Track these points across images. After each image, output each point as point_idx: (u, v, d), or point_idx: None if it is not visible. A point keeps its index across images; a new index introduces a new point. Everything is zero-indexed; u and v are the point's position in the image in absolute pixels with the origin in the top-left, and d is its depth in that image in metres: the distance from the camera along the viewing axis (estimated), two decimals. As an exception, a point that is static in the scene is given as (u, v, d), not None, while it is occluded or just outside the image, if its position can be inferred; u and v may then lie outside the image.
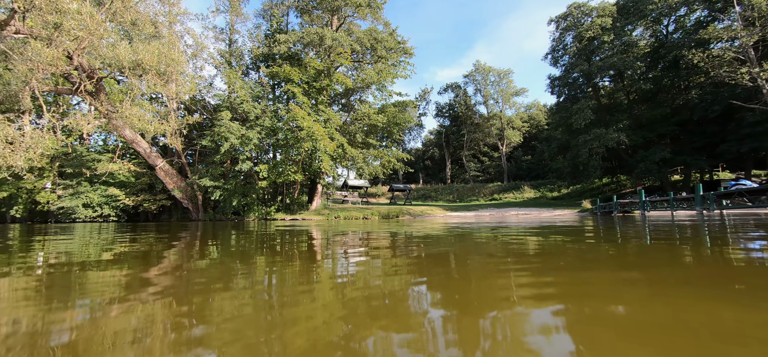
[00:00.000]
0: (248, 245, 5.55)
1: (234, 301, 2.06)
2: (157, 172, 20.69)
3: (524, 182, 46.01)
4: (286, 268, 3.27)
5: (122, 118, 17.41)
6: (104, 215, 21.52)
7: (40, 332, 1.67)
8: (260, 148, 23.22)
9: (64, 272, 3.12)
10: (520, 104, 58.28)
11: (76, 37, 15.40)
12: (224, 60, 26.31)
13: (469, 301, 1.84)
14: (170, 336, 1.55)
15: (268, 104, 23.98)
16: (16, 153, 12.60)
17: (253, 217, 22.08)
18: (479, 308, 1.69)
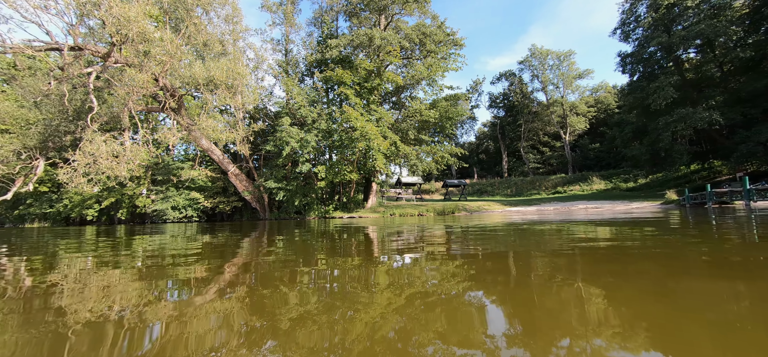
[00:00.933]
0: (312, 241, 5.87)
1: (299, 294, 2.18)
2: (229, 176, 22.82)
3: (592, 173, 42.17)
4: (345, 263, 3.39)
5: (200, 129, 19.49)
6: (188, 216, 24.32)
7: (157, 299, 1.96)
8: (318, 150, 24.38)
9: (189, 257, 3.60)
10: (585, 88, 53.36)
11: (160, 61, 17.59)
12: (282, 69, 28.04)
13: (531, 320, 1.63)
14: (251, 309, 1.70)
15: (323, 108, 25.05)
16: (120, 165, 14.78)
17: (313, 216, 23.25)
18: (547, 330, 1.48)
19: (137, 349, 1.46)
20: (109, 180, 15.42)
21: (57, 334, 1.61)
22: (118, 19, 15.25)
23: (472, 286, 2.27)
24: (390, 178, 33.29)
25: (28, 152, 17.10)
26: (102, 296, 2.35)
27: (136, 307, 2.03)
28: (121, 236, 8.68)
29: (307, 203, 23.40)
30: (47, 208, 25.43)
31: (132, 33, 15.80)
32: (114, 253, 4.88)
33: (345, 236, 6.74)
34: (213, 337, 1.56)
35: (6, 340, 1.55)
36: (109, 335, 1.61)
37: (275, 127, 23.65)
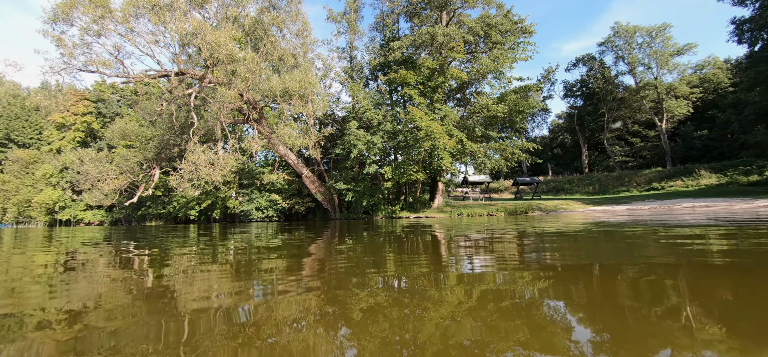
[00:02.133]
0: (380, 240, 6.00)
1: (369, 295, 2.20)
2: (304, 179, 24.57)
3: (699, 165, 35.86)
4: (412, 263, 3.36)
5: (278, 137, 21.33)
6: (269, 216, 26.81)
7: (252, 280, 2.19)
8: (384, 152, 24.92)
9: (291, 246, 4.01)
10: (686, 65, 45.52)
11: (244, 78, 19.68)
12: (347, 75, 29.27)
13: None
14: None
15: (388, 109, 25.52)
16: (216, 171, 16.90)
17: (381, 216, 23.79)
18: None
19: (234, 323, 1.73)
20: (207, 184, 17.73)
21: (172, 312, 1.93)
22: (210, 45, 17.48)
23: (551, 293, 2.08)
24: (456, 177, 32.52)
25: (148, 163, 20.51)
26: (204, 281, 2.79)
27: (233, 292, 2.37)
28: (216, 233, 9.91)
29: (375, 203, 24.05)
30: (161, 209, 30.26)
31: (221, 55, 17.97)
32: (213, 247, 5.60)
33: (412, 236, 6.76)
34: (295, 319, 1.72)
35: (131, 313, 1.89)
36: (210, 313, 1.89)
37: (343, 131, 24.79)
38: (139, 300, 2.33)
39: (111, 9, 17.04)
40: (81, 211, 35.40)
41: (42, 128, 44.98)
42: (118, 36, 17.64)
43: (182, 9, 18.02)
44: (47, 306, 2.22)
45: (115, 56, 17.73)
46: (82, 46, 16.89)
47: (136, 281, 2.97)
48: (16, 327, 1.78)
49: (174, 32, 18.21)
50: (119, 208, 32.26)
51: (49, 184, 37.08)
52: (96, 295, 2.47)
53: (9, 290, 2.74)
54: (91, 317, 1.93)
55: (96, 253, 5.38)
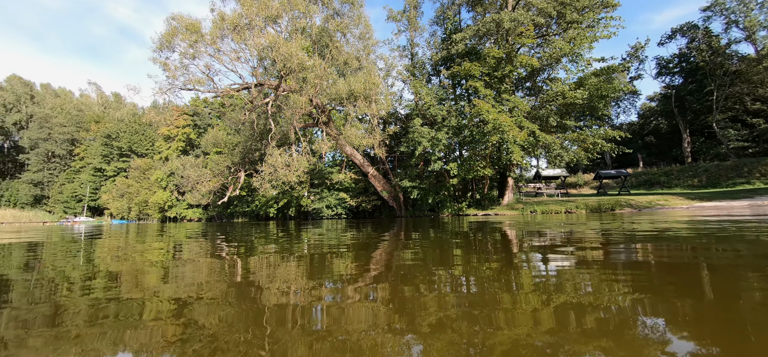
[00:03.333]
0: (447, 238, 5.82)
1: (437, 298, 2.10)
2: (369, 178, 25.27)
3: None
4: (482, 265, 3.15)
5: (344, 138, 22.26)
6: (338, 213, 28.16)
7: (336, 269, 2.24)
8: (449, 148, 24.42)
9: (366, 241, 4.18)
10: (831, 23, 36.23)
11: (313, 84, 20.92)
12: (409, 73, 29.28)
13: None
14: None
15: (452, 104, 24.91)
16: (291, 172, 18.27)
17: (447, 213, 23.36)
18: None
19: (310, 314, 1.88)
20: (283, 185, 19.26)
21: (257, 300, 2.11)
22: (283, 56, 18.91)
23: (648, 308, 1.76)
24: (527, 172, 30.45)
25: (235, 167, 23.02)
26: (283, 275, 3.05)
27: (307, 286, 2.52)
28: (292, 230, 10.68)
29: (441, 201, 23.71)
30: (245, 207, 33.78)
31: (293, 64, 19.33)
32: (290, 242, 6.03)
33: (480, 235, 6.47)
34: (366, 315, 1.74)
35: (221, 301, 2.07)
36: (289, 305, 2.07)
37: (407, 129, 24.88)
38: (232, 287, 2.66)
39: (202, 34, 19.44)
40: (184, 209, 41.28)
41: (154, 140, 53.47)
42: (208, 56, 20.08)
43: (259, 26, 19.79)
44: (161, 289, 2.67)
45: (206, 74, 20.19)
46: (182, 68, 19.57)
47: (229, 271, 3.42)
48: (138, 306, 2.18)
49: (252, 48, 20.11)
50: (213, 207, 36.86)
51: (160, 186, 43.94)
52: (198, 282, 2.88)
53: (133, 275, 3.35)
54: (194, 301, 2.26)
55: (197, 245, 6.21)
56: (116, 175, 52.97)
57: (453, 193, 25.06)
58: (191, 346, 1.53)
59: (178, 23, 19.07)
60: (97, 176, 55.64)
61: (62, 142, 62.36)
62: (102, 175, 55.48)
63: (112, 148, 55.37)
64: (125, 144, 54.89)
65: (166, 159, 46.92)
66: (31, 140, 62.43)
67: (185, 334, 1.68)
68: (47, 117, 63.85)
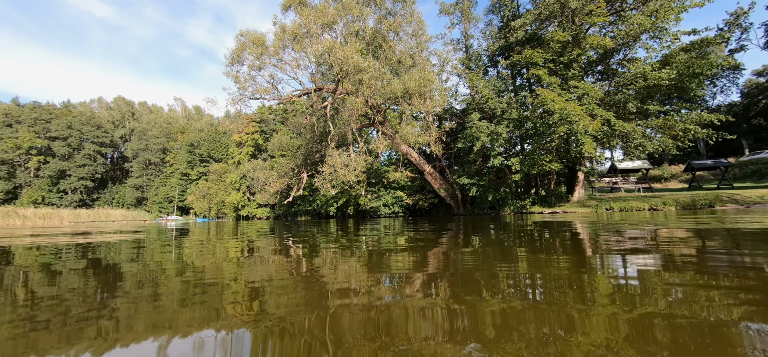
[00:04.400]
0: (509, 237, 5.44)
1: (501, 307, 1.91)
2: (426, 175, 25.06)
3: None
4: (551, 269, 2.84)
5: (400, 136, 22.34)
6: (395, 212, 28.39)
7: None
8: (509, 142, 23.18)
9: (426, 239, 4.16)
10: None
11: (369, 85, 21.33)
12: (464, 66, 28.36)
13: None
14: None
15: (512, 96, 23.59)
16: (350, 172, 18.84)
17: (508, 211, 22.21)
18: None
19: (368, 311, 1.92)
20: (343, 184, 19.94)
21: (321, 294, 2.18)
22: (340, 60, 19.55)
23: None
24: (602, 164, 27.70)
25: (298, 168, 24.45)
26: (344, 270, 3.19)
27: (367, 284, 2.52)
28: (351, 228, 10.97)
29: (501, 198, 22.61)
30: (308, 206, 35.76)
31: (349, 67, 19.89)
32: (349, 239, 6.16)
33: (547, 235, 5.95)
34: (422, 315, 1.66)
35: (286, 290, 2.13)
36: (349, 302, 2.14)
37: (464, 124, 24.15)
38: (298, 279, 2.90)
39: (266, 46, 20.93)
40: (254, 209, 45.06)
41: (228, 146, 59.18)
42: (272, 67, 21.58)
43: (316, 33, 20.73)
44: (238, 277, 3.06)
45: (271, 83, 21.71)
46: (250, 79, 21.28)
47: (295, 265, 3.72)
48: (217, 292, 2.50)
49: (311, 55, 21.15)
50: (279, 206, 39.64)
51: (234, 188, 48.47)
52: (268, 274, 3.20)
53: (214, 265, 3.80)
54: (266, 290, 2.53)
55: (266, 241, 6.69)
56: (198, 179, 59.65)
57: (515, 189, 23.74)
58: (263, 323, 1.79)
59: (246, 38, 20.77)
60: (184, 180, 63.20)
61: (156, 151, 72.01)
62: (187, 179, 62.88)
63: (195, 155, 62.49)
64: (205, 151, 61.58)
65: (238, 163, 51.64)
66: (133, 151, 73.09)
67: (258, 315, 1.94)
68: (144, 130, 74.23)
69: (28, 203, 61.05)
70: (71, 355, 1.50)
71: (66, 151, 67.36)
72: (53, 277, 3.31)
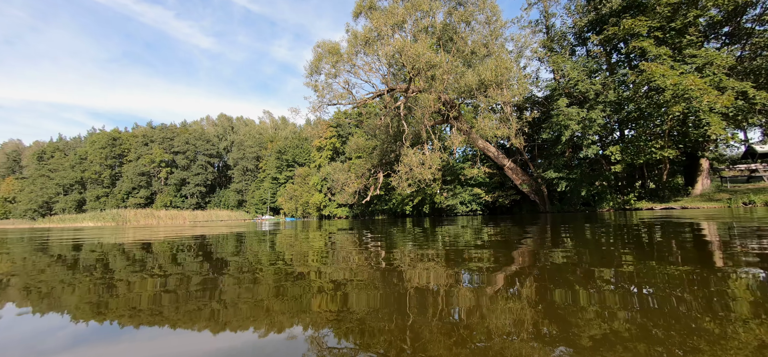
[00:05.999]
0: (611, 240, 4.55)
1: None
2: (505, 171, 23.51)
3: None
4: (665, 272, 2.19)
5: (477, 131, 21.34)
6: (473, 210, 27.28)
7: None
8: (605, 129, 20.38)
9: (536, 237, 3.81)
10: None
11: (442, 79, 20.82)
12: (546, 49, 25.82)
13: None
14: None
15: (607, 76, 20.67)
16: (425, 170, 18.65)
17: (607, 208, 19.55)
18: None
19: (449, 312, 1.90)
20: (419, 183, 19.85)
21: (400, 291, 2.26)
22: (411, 57, 19.46)
23: None
24: (735, 149, 22.68)
25: (374, 169, 25.14)
26: (421, 267, 3.24)
27: (446, 284, 2.36)
28: (427, 226, 10.72)
29: (597, 193, 20.01)
30: (384, 205, 36.59)
31: (421, 64, 19.68)
32: (427, 238, 5.93)
33: (659, 235, 4.88)
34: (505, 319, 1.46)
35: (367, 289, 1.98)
36: (425, 297, 2.21)
37: (548, 113, 21.99)
38: (376, 273, 3.08)
39: (341, 54, 21.91)
40: (335, 208, 47.88)
41: (309, 151, 64.08)
42: (346, 73, 22.50)
43: (387, 34, 20.98)
44: (322, 270, 3.37)
45: (346, 89, 22.66)
46: (327, 87, 22.52)
47: (374, 260, 3.91)
48: (305, 283, 2.79)
49: (382, 56, 21.45)
50: (357, 206, 41.40)
51: (316, 190, 52.21)
52: (349, 267, 3.43)
53: (302, 258, 4.25)
54: (347, 283, 2.73)
55: (347, 238, 6.93)
56: (286, 182, 65.76)
57: (614, 183, 20.78)
58: (344, 312, 1.97)
59: (322, 49, 22.04)
60: (274, 183, 70.36)
61: (251, 159, 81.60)
62: (277, 183, 69.85)
63: (282, 160, 69.09)
64: (290, 157, 67.67)
65: (319, 166, 55.49)
66: (234, 159, 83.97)
67: (340, 306, 2.11)
68: (241, 141, 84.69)
69: (161, 206, 74.68)
70: (193, 331, 1.79)
71: (185, 163, 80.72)
72: (180, 263, 4.14)
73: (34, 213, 78.82)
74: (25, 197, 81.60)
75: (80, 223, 44.40)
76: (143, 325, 1.85)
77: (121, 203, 76.49)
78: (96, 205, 76.74)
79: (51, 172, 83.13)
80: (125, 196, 78.98)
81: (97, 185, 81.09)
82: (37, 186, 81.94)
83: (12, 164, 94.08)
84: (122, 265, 4.08)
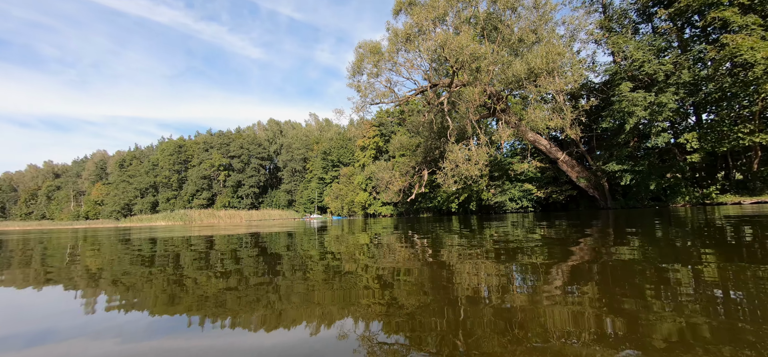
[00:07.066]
0: (687, 235, 3.85)
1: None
2: (559, 164, 21.94)
3: None
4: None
5: (526, 123, 20.17)
6: (523, 206, 25.89)
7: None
8: (678, 113, 18.16)
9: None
10: None
11: (487, 71, 19.96)
12: (603, 29, 23.61)
13: None
14: None
15: (679, 54, 18.38)
16: (472, 166, 18.03)
17: (682, 203, 17.42)
18: None
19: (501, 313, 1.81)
20: (465, 180, 19.26)
21: (448, 290, 2.18)
22: (455, 50, 18.90)
23: None
24: None
25: (418, 166, 24.89)
26: (471, 267, 3.17)
27: (498, 285, 2.33)
28: (475, 224, 10.26)
29: (669, 186, 17.91)
30: (428, 203, 36.15)
31: (465, 56, 19.03)
32: (474, 237, 5.60)
33: (748, 235, 4.07)
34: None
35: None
36: (478, 296, 2.15)
37: (608, 99, 20.13)
38: (425, 270, 3.13)
39: (382, 53, 21.93)
40: (379, 207, 48.33)
41: (353, 151, 65.37)
42: (388, 71, 22.49)
43: (429, 29, 20.59)
44: (369, 265, 3.52)
45: (388, 87, 22.66)
46: (369, 87, 22.68)
47: (421, 258, 3.89)
48: (352, 279, 2.85)
49: (424, 52, 21.10)
50: (401, 204, 41.40)
51: (361, 188, 53.11)
52: (394, 265, 3.47)
53: (350, 255, 4.36)
54: (396, 280, 2.75)
55: (393, 235, 6.86)
56: (332, 182, 67.76)
57: (691, 174, 18.46)
58: (394, 308, 1.99)
59: (364, 49, 22.24)
60: (321, 183, 72.86)
61: (299, 161, 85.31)
62: (323, 183, 72.24)
63: (327, 161, 71.29)
64: (335, 157, 69.59)
65: (363, 166, 56.38)
66: (283, 162, 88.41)
67: (389, 302, 2.14)
68: (290, 144, 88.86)
69: (220, 207, 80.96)
70: (252, 318, 1.95)
71: (240, 166, 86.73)
72: (238, 258, 4.46)
73: (118, 214, 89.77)
74: (111, 200, 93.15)
75: (154, 222, 49.62)
76: (208, 316, 2.00)
77: (187, 204, 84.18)
78: (167, 206, 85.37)
79: (130, 178, 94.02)
80: (190, 197, 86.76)
81: (167, 188, 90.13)
82: (119, 190, 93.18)
83: (100, 172, 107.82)
84: (192, 259, 4.47)
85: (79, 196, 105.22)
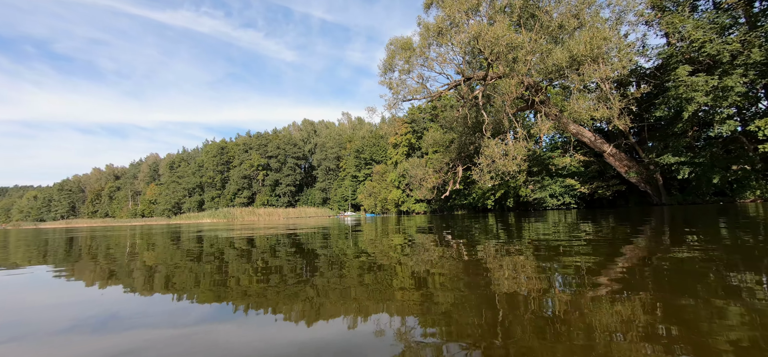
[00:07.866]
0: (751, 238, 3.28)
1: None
2: (606, 157, 20.49)
3: None
4: None
5: (568, 114, 19.03)
6: (565, 203, 24.52)
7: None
8: (747, 98, 16.24)
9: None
10: None
11: (525, 61, 19.04)
12: (655, 8, 21.63)
13: None
14: None
15: (747, 31, 16.41)
16: (510, 161, 17.33)
17: (752, 198, 15.61)
18: None
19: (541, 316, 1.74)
20: (502, 175, 18.57)
21: (486, 291, 2.18)
22: (489, 41, 18.23)
23: None
24: None
25: (452, 163, 24.40)
26: (508, 265, 3.15)
27: (539, 288, 2.26)
28: (512, 222, 9.79)
29: (736, 179, 16.11)
30: (463, 200, 35.36)
31: (501, 47, 18.29)
32: (512, 236, 5.27)
33: None
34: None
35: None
36: (516, 297, 2.09)
37: (662, 86, 18.46)
38: (458, 270, 3.05)
39: (414, 48, 21.67)
40: (413, 204, 48.06)
41: (385, 149, 65.49)
42: (419, 67, 22.18)
43: (461, 20, 20.01)
44: (403, 262, 3.61)
45: (420, 83, 22.36)
46: (401, 83, 22.52)
47: (455, 257, 3.82)
48: (386, 276, 2.91)
49: (457, 45, 20.54)
50: (435, 201, 40.85)
51: (394, 186, 53.10)
52: (429, 263, 3.49)
53: (383, 253, 4.42)
54: (432, 278, 2.76)
55: (426, 234, 6.76)
56: (365, 180, 68.40)
57: (763, 166, 16.46)
58: (430, 306, 2.00)
59: (395, 46, 22.10)
60: (354, 181, 73.83)
61: (333, 159, 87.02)
62: (356, 181, 73.14)
63: (360, 159, 72.03)
64: (368, 155, 70.15)
65: (395, 163, 56.31)
66: (318, 160, 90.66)
67: (425, 300, 2.13)
68: (323, 143, 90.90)
69: (260, 205, 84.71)
70: (291, 313, 2.00)
71: (277, 166, 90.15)
72: (278, 255, 4.66)
73: (169, 212, 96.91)
74: (163, 199, 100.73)
75: (201, 220, 52.90)
76: (251, 308, 2.13)
77: (229, 203, 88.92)
78: (211, 204, 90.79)
79: (179, 179, 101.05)
80: (232, 196, 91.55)
81: (211, 188, 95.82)
82: (170, 190, 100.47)
83: (153, 173, 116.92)
84: (236, 255, 4.75)
85: (135, 196, 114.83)
